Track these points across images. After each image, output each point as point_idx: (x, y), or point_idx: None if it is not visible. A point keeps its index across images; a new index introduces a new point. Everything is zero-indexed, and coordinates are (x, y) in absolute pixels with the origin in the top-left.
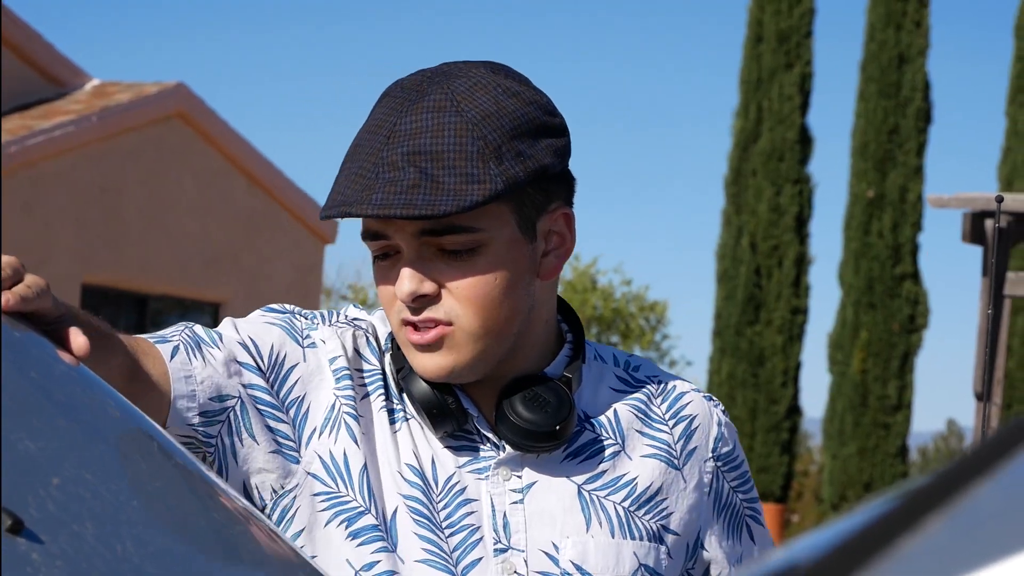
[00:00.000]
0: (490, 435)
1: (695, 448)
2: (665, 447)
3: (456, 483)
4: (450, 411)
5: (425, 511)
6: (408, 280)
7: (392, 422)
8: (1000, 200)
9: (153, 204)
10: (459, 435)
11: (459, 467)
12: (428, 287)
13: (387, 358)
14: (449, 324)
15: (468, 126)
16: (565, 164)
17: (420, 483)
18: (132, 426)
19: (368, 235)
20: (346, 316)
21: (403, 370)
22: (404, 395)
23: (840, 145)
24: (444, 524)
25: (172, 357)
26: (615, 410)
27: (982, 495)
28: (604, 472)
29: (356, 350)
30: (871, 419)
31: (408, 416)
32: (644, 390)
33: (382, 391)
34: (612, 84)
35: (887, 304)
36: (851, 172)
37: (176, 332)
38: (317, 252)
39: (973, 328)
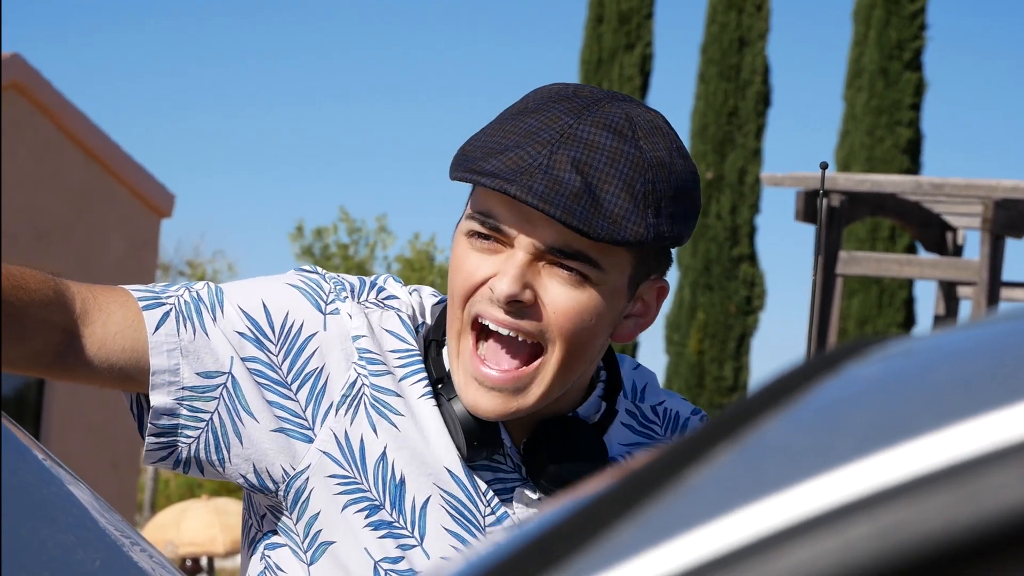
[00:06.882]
0: (519, 464)
1: None
2: None
3: (492, 494)
4: (489, 443)
5: (464, 510)
6: (512, 282)
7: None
8: (824, 167)
9: None
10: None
11: (487, 481)
12: (528, 295)
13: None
14: (532, 358)
15: (645, 165)
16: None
17: (463, 481)
18: None
19: (487, 216)
20: (378, 293)
21: (442, 383)
22: (439, 404)
23: (680, 126)
24: (487, 528)
25: (158, 327)
26: (630, 449)
27: (770, 428)
28: None
29: (388, 331)
30: (707, 400)
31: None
32: (655, 425)
33: (423, 373)
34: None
35: (724, 286)
36: (691, 153)
37: (174, 295)
38: (152, 227)
39: (807, 309)
